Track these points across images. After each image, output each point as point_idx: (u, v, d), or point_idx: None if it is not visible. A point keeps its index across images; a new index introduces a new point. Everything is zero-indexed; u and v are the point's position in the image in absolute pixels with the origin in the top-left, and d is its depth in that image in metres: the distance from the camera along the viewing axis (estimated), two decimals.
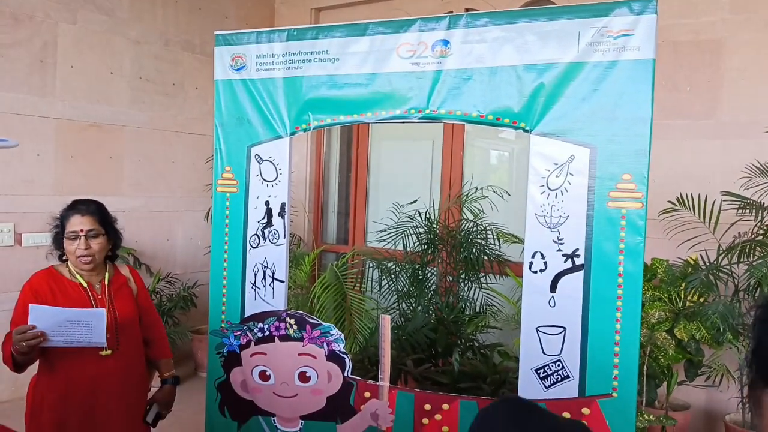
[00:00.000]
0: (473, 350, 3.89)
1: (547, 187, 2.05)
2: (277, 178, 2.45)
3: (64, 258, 2.34)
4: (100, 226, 2.29)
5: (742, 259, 3.29)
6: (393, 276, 4.16)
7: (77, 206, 2.30)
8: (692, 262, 3.57)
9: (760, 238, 3.32)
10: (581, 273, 2.01)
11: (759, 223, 3.30)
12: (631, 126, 1.96)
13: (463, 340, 3.89)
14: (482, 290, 4.10)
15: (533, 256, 2.08)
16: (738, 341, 3.38)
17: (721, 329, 3.28)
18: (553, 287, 2.04)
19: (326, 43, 2.34)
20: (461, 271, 4.07)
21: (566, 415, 2.04)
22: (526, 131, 2.09)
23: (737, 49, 3.91)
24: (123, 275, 2.45)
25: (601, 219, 1.99)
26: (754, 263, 3.25)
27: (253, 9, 5.71)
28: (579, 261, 2.01)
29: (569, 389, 2.03)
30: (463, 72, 2.15)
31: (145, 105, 4.89)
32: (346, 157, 5.79)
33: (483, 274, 4.09)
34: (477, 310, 4.09)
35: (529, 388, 2.08)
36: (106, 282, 2.33)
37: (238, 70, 2.48)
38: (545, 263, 2.06)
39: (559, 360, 2.04)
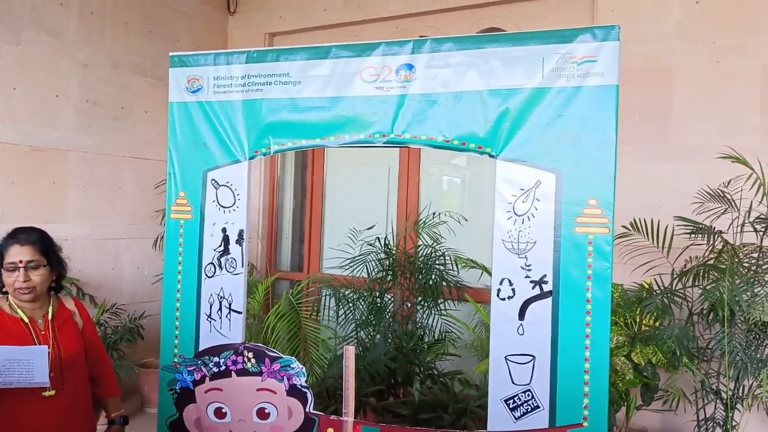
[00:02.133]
0: (432, 379, 3.83)
1: (514, 212, 2.03)
2: (234, 203, 2.36)
3: (4, 290, 2.19)
4: (42, 256, 2.14)
5: (696, 283, 3.34)
6: (351, 304, 4.08)
7: (17, 235, 2.15)
8: (647, 287, 3.61)
9: (711, 261, 3.38)
10: (549, 300, 1.99)
11: (711, 248, 3.36)
12: (596, 151, 1.97)
13: (422, 369, 3.83)
14: (441, 317, 4.06)
15: (501, 283, 2.04)
16: (693, 364, 3.42)
17: (678, 353, 3.31)
18: (522, 315, 2.01)
19: (287, 65, 2.28)
20: (420, 298, 4.01)
21: None
22: (492, 156, 2.08)
23: (685, 76, 4.03)
24: (68, 309, 2.30)
25: (568, 244, 1.97)
26: (707, 287, 3.30)
27: (206, 33, 5.62)
28: (547, 287, 1.99)
29: (539, 420, 1.99)
30: (427, 96, 2.13)
31: (91, 129, 4.71)
32: (301, 182, 5.70)
33: (442, 300, 4.05)
34: (435, 337, 4.04)
35: (498, 419, 2.03)
36: (50, 316, 2.18)
37: (194, 92, 2.39)
38: (513, 290, 2.03)
39: (529, 389, 2.00)
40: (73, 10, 4.58)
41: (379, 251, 4.10)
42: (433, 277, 3.97)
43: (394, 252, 4.11)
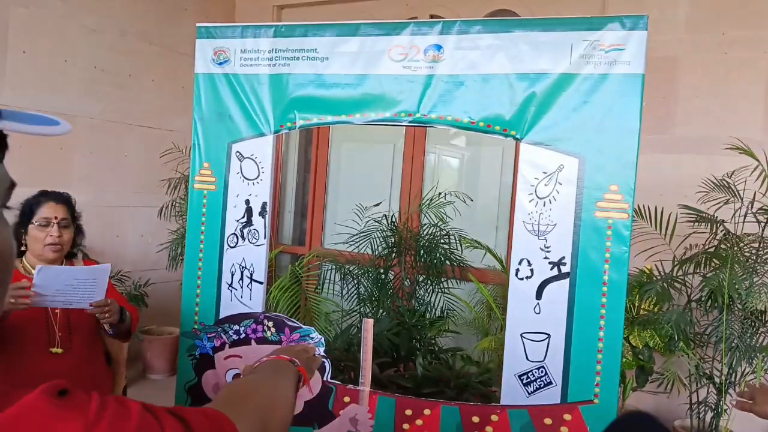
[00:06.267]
0: (434, 354, 3.91)
1: (536, 195, 2.08)
2: (258, 176, 2.39)
3: (21, 250, 2.23)
4: (71, 216, 2.22)
5: (696, 270, 3.43)
6: (355, 279, 4.14)
7: (48, 194, 2.22)
8: (647, 272, 3.70)
9: (713, 250, 3.46)
10: (567, 281, 2.05)
11: (713, 236, 3.45)
12: (619, 138, 2.02)
13: (423, 344, 3.91)
14: (444, 295, 4.14)
15: (520, 263, 2.10)
16: (689, 349, 3.52)
17: (676, 338, 3.41)
18: (539, 294, 2.07)
19: (315, 41, 2.30)
20: (424, 276, 4.09)
21: (548, 421, 2.07)
22: (516, 139, 2.12)
23: (691, 68, 4.08)
24: None
25: (588, 228, 2.03)
26: (707, 275, 3.39)
27: (214, 3, 5.58)
28: (565, 269, 2.05)
29: (552, 395, 2.06)
30: (455, 78, 2.16)
31: (98, 96, 4.70)
32: (304, 156, 5.72)
33: (445, 278, 4.12)
34: (438, 315, 4.12)
35: (511, 393, 2.11)
36: None
37: (220, 64, 2.41)
38: (531, 270, 2.08)
39: (543, 366, 2.07)
40: None
41: (384, 228, 4.16)
42: (438, 255, 4.04)
43: (401, 229, 4.16)
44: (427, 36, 2.19)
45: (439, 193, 4.24)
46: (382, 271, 4.07)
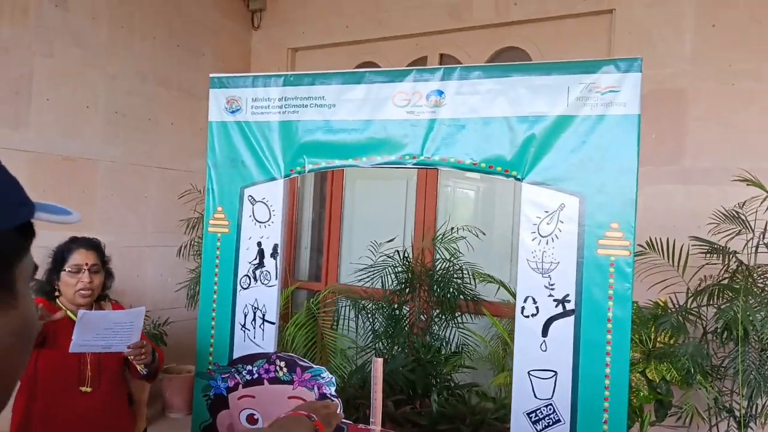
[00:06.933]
0: (449, 390, 3.92)
1: (539, 233, 2.13)
2: (270, 219, 2.47)
3: (54, 295, 2.32)
4: (101, 262, 2.31)
5: (710, 302, 3.41)
6: (370, 315, 4.18)
7: (79, 241, 2.31)
8: (662, 304, 3.69)
9: (726, 281, 3.45)
10: (572, 318, 2.07)
11: (725, 268, 3.44)
12: (618, 177, 2.06)
13: (439, 380, 3.92)
14: (458, 330, 4.15)
15: (525, 301, 2.14)
16: (707, 382, 3.49)
17: (692, 370, 3.38)
18: (545, 332, 2.10)
19: (323, 89, 2.39)
20: (438, 311, 4.11)
21: None
22: (518, 180, 2.17)
23: (699, 99, 4.12)
24: None
25: (591, 266, 2.07)
26: (721, 306, 3.38)
27: (231, 47, 5.76)
28: (570, 306, 2.08)
29: None
30: (456, 121, 2.23)
31: (119, 140, 4.85)
32: (320, 193, 5.82)
33: (459, 313, 4.14)
34: (453, 350, 4.13)
35: (521, 431, 2.12)
36: None
37: (233, 112, 2.51)
38: (537, 308, 2.12)
39: (551, 404, 2.09)
40: (104, 23, 4.73)
41: (398, 264, 4.20)
42: (451, 290, 4.07)
43: (413, 265, 4.20)
44: (429, 82, 2.27)
45: (452, 228, 4.29)
46: (396, 306, 4.10)
